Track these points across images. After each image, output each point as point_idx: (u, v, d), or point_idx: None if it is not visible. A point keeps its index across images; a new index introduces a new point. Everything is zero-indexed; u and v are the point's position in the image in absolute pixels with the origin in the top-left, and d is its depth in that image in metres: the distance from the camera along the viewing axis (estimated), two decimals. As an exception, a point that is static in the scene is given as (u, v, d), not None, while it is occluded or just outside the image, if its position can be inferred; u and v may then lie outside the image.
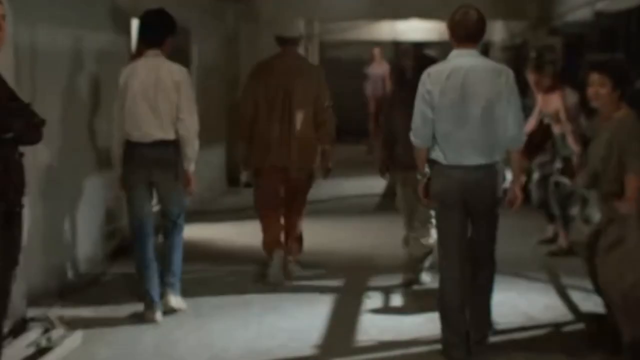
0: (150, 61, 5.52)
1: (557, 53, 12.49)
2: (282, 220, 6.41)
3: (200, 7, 9.70)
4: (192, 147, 5.49)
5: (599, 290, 4.88)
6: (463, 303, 4.74)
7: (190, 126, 5.46)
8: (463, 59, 4.62)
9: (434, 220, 5.30)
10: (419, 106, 4.64)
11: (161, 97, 5.40)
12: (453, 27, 4.66)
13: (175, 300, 5.59)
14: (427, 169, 4.77)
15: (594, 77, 4.79)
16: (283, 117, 6.07)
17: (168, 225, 5.65)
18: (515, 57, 15.29)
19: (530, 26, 11.57)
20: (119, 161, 5.57)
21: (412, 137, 4.72)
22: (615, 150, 4.65)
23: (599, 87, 4.78)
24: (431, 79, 4.61)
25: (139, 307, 5.56)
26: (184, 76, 5.49)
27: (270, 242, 6.31)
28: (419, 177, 4.83)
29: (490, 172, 4.62)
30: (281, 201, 6.31)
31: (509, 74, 4.64)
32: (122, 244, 7.15)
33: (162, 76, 5.42)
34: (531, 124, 7.19)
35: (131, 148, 5.48)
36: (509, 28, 14.41)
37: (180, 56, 8.82)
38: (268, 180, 6.25)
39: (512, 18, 12.02)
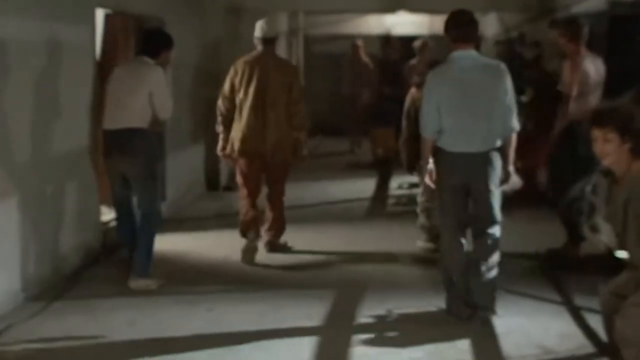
0: (135, 63, 6.19)
1: (542, 48, 11.89)
2: (258, 205, 6.93)
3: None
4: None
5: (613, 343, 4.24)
6: (463, 269, 5.28)
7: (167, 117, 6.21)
8: (464, 58, 5.17)
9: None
10: (429, 103, 5.17)
11: (131, 93, 5.89)
12: (450, 30, 5.20)
13: (135, 283, 5.92)
14: None
15: (596, 133, 4.16)
16: (257, 109, 6.58)
17: (139, 215, 6.03)
18: (509, 51, 14.67)
19: (529, 19, 10.90)
20: None
21: (422, 131, 5.25)
22: (633, 212, 4.03)
23: (604, 144, 4.14)
24: (438, 78, 5.20)
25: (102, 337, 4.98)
26: (157, 77, 5.95)
27: (244, 222, 6.81)
28: (426, 166, 5.35)
29: (489, 157, 5.17)
30: (257, 184, 6.86)
31: (504, 69, 5.20)
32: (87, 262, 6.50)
33: (138, 75, 5.95)
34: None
35: (103, 137, 6.09)
36: (502, 21, 13.76)
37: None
38: (244, 166, 6.75)
39: (510, 10, 11.35)
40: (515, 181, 5.44)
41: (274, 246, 7.11)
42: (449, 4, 11.38)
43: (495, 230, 5.30)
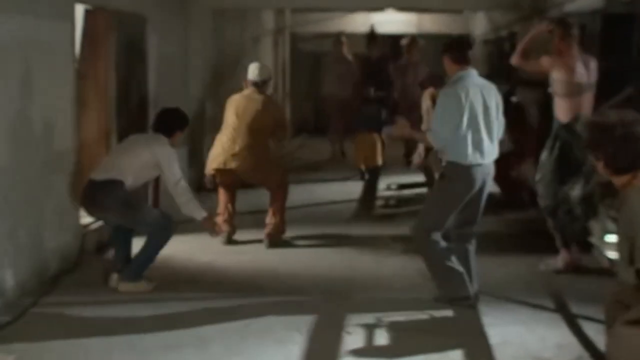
0: (148, 135, 6.47)
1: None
2: (230, 208, 7.56)
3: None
4: (185, 208, 6.01)
5: None
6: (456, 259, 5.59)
7: (176, 195, 6.00)
8: (473, 77, 5.54)
9: None
10: (450, 116, 5.37)
11: (132, 155, 5.96)
12: (453, 53, 5.53)
13: (124, 285, 5.92)
14: None
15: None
16: (236, 134, 7.22)
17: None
18: (498, 51, 14.52)
19: (520, 17, 10.72)
20: None
21: (436, 141, 5.51)
22: (622, 232, 3.89)
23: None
24: (461, 97, 5.37)
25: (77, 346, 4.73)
26: (166, 154, 5.97)
27: (220, 222, 7.32)
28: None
29: (492, 167, 5.60)
30: (231, 193, 7.55)
31: (497, 90, 5.69)
32: (66, 267, 6.28)
33: (147, 145, 6.02)
34: None
35: (85, 185, 6.01)
36: (491, 20, 13.60)
37: (134, 47, 7.95)
38: (219, 177, 7.43)
39: (500, 8, 11.15)
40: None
41: (274, 240, 7.35)
42: (437, 2, 11.31)
43: None
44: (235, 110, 7.31)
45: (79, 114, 6.77)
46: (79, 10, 6.87)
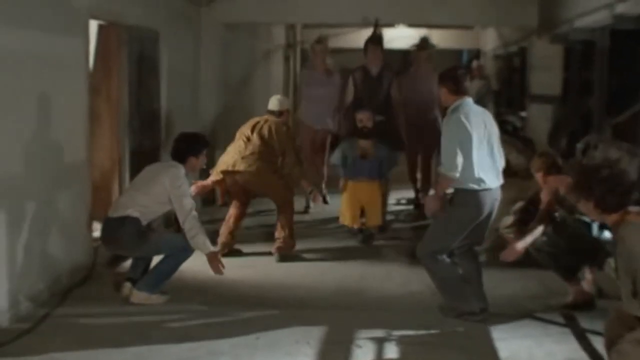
0: (162, 163, 6.68)
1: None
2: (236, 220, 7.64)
3: (170, 9, 8.84)
4: (192, 242, 5.97)
5: None
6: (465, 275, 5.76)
7: (185, 228, 5.97)
8: (471, 105, 5.60)
9: None
10: (460, 144, 5.40)
11: (144, 188, 6.06)
12: (452, 86, 5.57)
13: (137, 295, 5.97)
14: None
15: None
16: (251, 140, 7.50)
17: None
18: (507, 66, 14.58)
19: (529, 33, 10.77)
20: None
21: (450, 171, 5.40)
22: (621, 267, 3.93)
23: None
24: (466, 122, 5.44)
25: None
26: (173, 188, 5.99)
27: (223, 234, 7.58)
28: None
29: (500, 190, 5.66)
30: (241, 207, 7.68)
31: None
32: (77, 280, 6.32)
33: (158, 180, 6.06)
34: None
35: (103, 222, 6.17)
36: (501, 36, 13.67)
37: (146, 62, 8.02)
38: (229, 184, 7.58)
39: (509, 25, 11.21)
40: None
41: (284, 253, 7.41)
42: (448, 18, 11.36)
43: None
44: (252, 125, 7.63)
45: (92, 129, 6.84)
46: (93, 25, 6.94)
